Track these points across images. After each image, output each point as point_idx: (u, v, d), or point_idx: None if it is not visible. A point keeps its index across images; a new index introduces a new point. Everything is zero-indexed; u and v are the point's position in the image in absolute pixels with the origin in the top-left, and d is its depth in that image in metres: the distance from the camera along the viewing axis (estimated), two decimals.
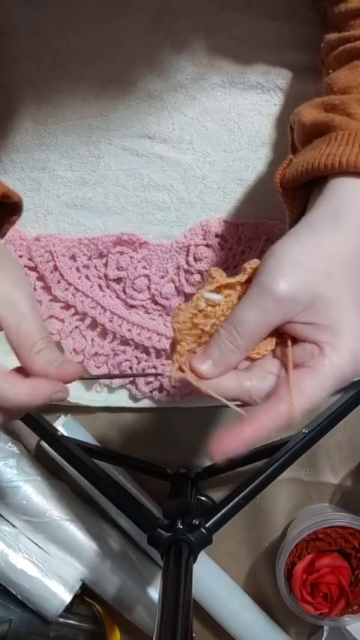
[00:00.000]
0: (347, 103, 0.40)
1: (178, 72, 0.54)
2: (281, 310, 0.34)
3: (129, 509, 0.53)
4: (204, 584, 0.62)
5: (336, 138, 0.39)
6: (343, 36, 0.45)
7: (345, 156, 0.37)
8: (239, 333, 0.35)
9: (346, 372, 0.35)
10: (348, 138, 0.38)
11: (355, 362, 0.35)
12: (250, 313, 0.35)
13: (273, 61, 0.54)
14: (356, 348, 0.35)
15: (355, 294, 0.36)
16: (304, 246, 0.36)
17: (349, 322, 0.35)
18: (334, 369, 0.34)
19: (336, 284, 0.35)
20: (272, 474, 0.54)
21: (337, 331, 0.35)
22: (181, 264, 0.57)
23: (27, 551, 0.61)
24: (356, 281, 0.36)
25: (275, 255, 0.36)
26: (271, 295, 0.34)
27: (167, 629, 0.37)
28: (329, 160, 0.38)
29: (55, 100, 0.55)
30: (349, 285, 0.35)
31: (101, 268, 0.58)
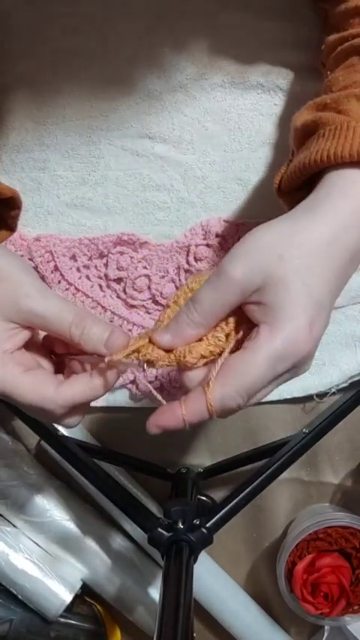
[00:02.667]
0: (338, 100, 0.41)
1: (179, 72, 0.54)
2: (233, 290, 0.36)
3: (129, 509, 0.53)
4: (205, 584, 0.62)
5: (324, 134, 0.39)
6: (342, 35, 0.45)
7: (332, 149, 0.38)
8: (196, 309, 0.37)
9: (279, 352, 0.35)
10: (335, 132, 0.39)
11: (293, 343, 0.35)
12: (207, 292, 0.36)
13: (273, 61, 0.54)
14: (293, 329, 0.35)
15: (309, 278, 0.35)
16: (267, 230, 0.37)
17: (292, 304, 0.35)
18: (266, 347, 0.35)
19: (288, 266, 0.35)
20: (273, 474, 0.54)
21: (277, 311, 0.35)
22: (181, 264, 0.57)
23: (27, 551, 0.61)
24: (313, 267, 0.36)
25: (240, 241, 0.37)
26: (224, 276, 0.36)
27: (168, 629, 0.37)
28: (318, 156, 0.38)
29: (55, 100, 0.55)
30: (301, 268, 0.35)
31: (101, 268, 0.58)
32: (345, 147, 0.37)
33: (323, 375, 0.59)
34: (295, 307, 0.35)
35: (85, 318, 0.37)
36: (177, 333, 0.37)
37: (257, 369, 0.35)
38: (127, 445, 0.62)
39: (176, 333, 0.37)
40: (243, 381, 0.35)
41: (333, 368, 0.59)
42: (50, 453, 0.59)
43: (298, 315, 0.35)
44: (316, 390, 0.59)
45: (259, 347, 0.35)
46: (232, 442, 0.62)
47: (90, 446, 0.60)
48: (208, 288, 0.37)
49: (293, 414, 0.61)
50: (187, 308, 0.37)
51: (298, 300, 0.35)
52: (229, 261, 0.36)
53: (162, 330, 0.38)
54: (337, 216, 0.37)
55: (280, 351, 0.35)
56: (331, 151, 0.38)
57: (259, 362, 0.35)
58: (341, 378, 0.59)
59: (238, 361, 0.35)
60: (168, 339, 0.37)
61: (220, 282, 0.36)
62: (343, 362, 0.59)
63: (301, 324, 0.35)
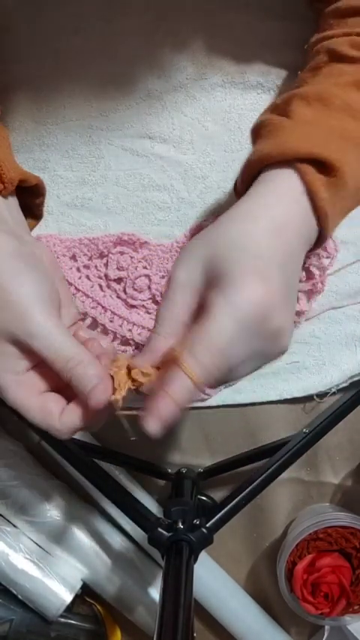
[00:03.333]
0: (286, 100, 0.42)
1: (179, 72, 0.54)
2: (182, 291, 0.38)
3: (130, 509, 0.53)
4: (205, 584, 0.62)
5: (263, 135, 0.41)
6: (320, 36, 0.45)
7: (266, 149, 0.39)
8: (159, 323, 0.38)
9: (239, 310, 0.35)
10: (270, 132, 0.40)
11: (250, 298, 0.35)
12: (162, 304, 0.39)
13: (273, 61, 0.54)
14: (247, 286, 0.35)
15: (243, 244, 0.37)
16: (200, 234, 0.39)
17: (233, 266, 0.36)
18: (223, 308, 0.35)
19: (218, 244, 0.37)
20: (273, 474, 0.54)
21: (222, 279, 0.36)
22: None
23: (27, 551, 0.61)
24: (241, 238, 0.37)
25: None
26: (170, 284, 0.38)
27: (168, 629, 0.37)
28: (254, 156, 0.40)
29: (55, 100, 0.55)
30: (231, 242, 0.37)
31: (102, 268, 0.58)
32: (273, 146, 0.39)
33: (323, 374, 0.59)
34: (238, 265, 0.36)
35: (77, 365, 0.37)
36: (150, 350, 0.38)
37: (222, 329, 0.35)
38: (127, 445, 0.62)
39: (149, 350, 0.38)
40: (209, 339, 0.35)
41: (333, 368, 0.59)
42: (50, 452, 0.59)
43: (243, 270, 0.36)
44: (316, 389, 0.59)
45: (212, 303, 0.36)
46: (232, 442, 0.62)
47: (90, 446, 0.60)
48: (163, 300, 0.38)
49: (293, 413, 0.61)
50: (154, 328, 0.38)
51: (237, 261, 0.36)
52: (173, 267, 0.39)
53: (137, 357, 0.38)
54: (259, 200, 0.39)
55: (232, 299, 0.35)
56: (264, 151, 0.39)
57: (221, 322, 0.35)
58: (341, 378, 0.59)
59: (199, 326, 0.36)
60: (144, 359, 0.38)
61: (169, 289, 0.38)
62: (344, 362, 0.59)
63: (248, 274, 0.35)
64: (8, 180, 0.41)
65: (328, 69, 0.43)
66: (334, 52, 0.43)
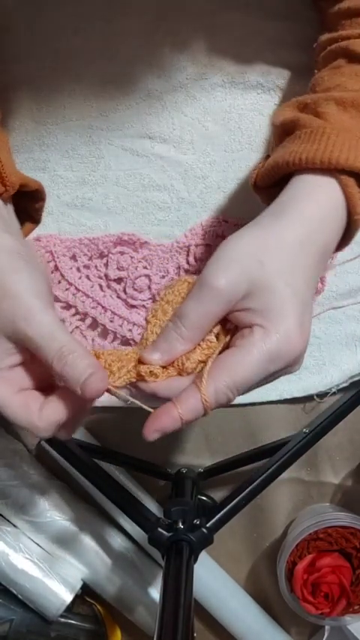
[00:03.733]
0: (317, 101, 0.42)
1: (179, 72, 0.54)
2: (219, 301, 0.36)
3: (130, 509, 0.53)
4: (205, 584, 0.62)
5: (300, 136, 0.41)
6: (333, 36, 0.45)
7: (305, 153, 0.39)
8: (183, 325, 0.37)
9: (272, 351, 0.36)
10: (310, 135, 0.40)
11: (286, 343, 0.36)
12: (192, 306, 0.37)
13: (273, 61, 0.54)
14: (286, 330, 0.36)
15: (290, 279, 0.37)
16: (242, 239, 0.38)
17: (282, 306, 0.36)
18: (260, 346, 0.35)
19: (269, 270, 0.36)
20: (273, 474, 0.54)
21: (268, 314, 0.36)
22: (181, 264, 0.57)
23: (28, 551, 0.61)
24: (292, 267, 0.37)
25: (219, 248, 0.38)
26: (208, 288, 0.36)
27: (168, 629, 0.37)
28: (291, 157, 0.39)
29: (55, 100, 0.55)
30: (283, 270, 0.37)
31: (102, 268, 0.58)
32: (317, 153, 0.39)
33: (323, 374, 0.59)
34: (285, 308, 0.36)
35: (69, 353, 0.36)
36: (167, 351, 0.37)
37: (250, 367, 0.35)
38: (128, 445, 0.62)
39: (166, 350, 0.37)
40: (235, 377, 0.35)
41: (333, 368, 0.59)
42: (50, 452, 0.59)
43: (289, 315, 0.36)
44: (317, 389, 0.59)
45: (252, 346, 0.36)
46: (233, 442, 0.62)
47: (90, 446, 0.60)
48: (193, 301, 0.37)
49: (293, 413, 0.61)
50: (175, 324, 0.37)
51: (286, 301, 0.36)
52: (211, 272, 0.37)
53: (151, 349, 0.38)
54: (304, 220, 0.38)
55: (274, 351, 0.36)
56: (303, 155, 0.39)
57: (252, 361, 0.35)
58: (341, 378, 0.59)
59: (232, 359, 0.36)
60: (159, 357, 0.38)
61: (204, 295, 0.37)
62: (344, 362, 0.59)
63: (293, 324, 0.36)
64: (10, 183, 0.42)
65: (349, 69, 0.43)
66: (354, 53, 0.43)
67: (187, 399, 0.36)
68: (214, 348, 0.38)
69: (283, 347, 0.36)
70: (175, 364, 0.38)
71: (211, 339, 0.38)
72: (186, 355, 0.37)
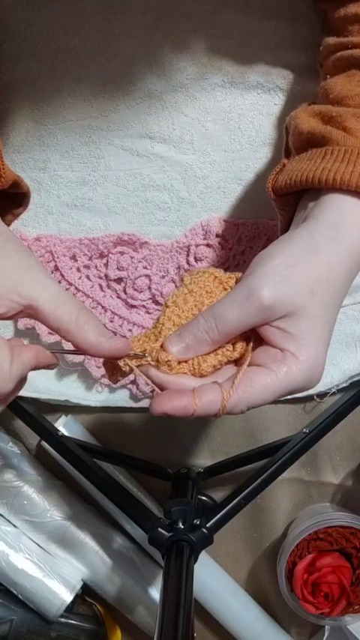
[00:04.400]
0: (344, 116, 0.41)
1: (179, 72, 0.54)
2: (262, 315, 0.36)
3: (130, 509, 0.53)
4: (205, 584, 0.62)
5: (332, 152, 0.40)
6: (341, 41, 0.45)
7: (340, 173, 0.38)
8: (218, 328, 0.37)
9: (298, 382, 0.36)
10: (344, 155, 0.39)
11: (310, 375, 0.37)
12: (233, 312, 0.36)
13: (273, 61, 0.54)
14: (314, 363, 0.37)
15: (330, 313, 0.37)
16: (298, 257, 0.37)
17: (316, 338, 0.37)
18: (289, 376, 0.36)
19: (317, 301, 0.37)
20: (273, 474, 0.54)
21: (303, 343, 0.36)
22: (181, 264, 0.57)
23: (28, 551, 0.61)
24: (334, 302, 0.38)
25: (269, 261, 0.37)
26: (256, 300, 0.36)
27: (168, 629, 0.37)
28: (324, 175, 0.39)
29: (55, 101, 0.55)
30: (327, 304, 0.37)
31: (102, 268, 0.58)
32: (354, 174, 0.38)
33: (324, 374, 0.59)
34: (320, 343, 0.37)
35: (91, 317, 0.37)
36: (192, 348, 0.37)
37: (275, 393, 0.36)
38: (128, 445, 0.62)
39: (192, 348, 0.37)
40: (259, 398, 0.36)
41: (333, 368, 0.59)
42: (50, 452, 0.59)
43: (321, 351, 0.37)
44: (317, 389, 0.59)
45: (283, 375, 0.36)
46: (233, 442, 0.62)
47: (90, 446, 0.60)
48: (234, 307, 0.37)
49: (294, 414, 0.61)
50: (208, 324, 0.37)
51: (322, 336, 0.37)
52: (261, 284, 0.36)
53: (176, 341, 0.38)
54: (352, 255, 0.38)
55: (300, 383, 0.37)
56: (338, 175, 0.38)
57: (279, 388, 0.36)
58: (341, 378, 0.59)
59: (261, 380, 0.36)
60: (182, 351, 0.37)
61: (247, 304, 0.36)
62: (344, 362, 0.59)
63: (322, 360, 0.37)
64: (5, 177, 0.42)
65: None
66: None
67: (207, 396, 0.36)
68: (228, 356, 0.38)
69: (307, 381, 0.37)
70: (190, 362, 0.38)
71: (229, 347, 0.38)
72: (203, 357, 0.38)
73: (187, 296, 0.40)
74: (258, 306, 0.36)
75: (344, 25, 0.45)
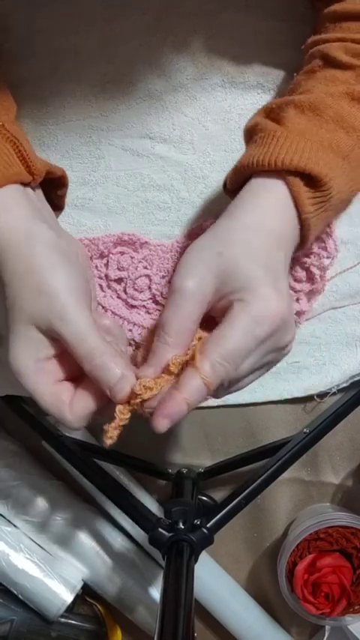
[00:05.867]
0: (281, 106, 0.43)
1: (179, 72, 0.54)
2: (192, 302, 0.38)
3: (130, 509, 0.53)
4: (205, 585, 0.62)
5: (256, 140, 0.43)
6: (314, 39, 0.46)
7: (256, 156, 0.41)
8: (167, 333, 0.38)
9: (254, 313, 0.37)
10: (263, 139, 0.42)
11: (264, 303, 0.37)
12: (169, 312, 0.38)
13: (273, 61, 0.54)
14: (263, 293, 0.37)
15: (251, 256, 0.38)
16: (200, 240, 0.40)
17: (251, 278, 0.38)
18: (242, 314, 0.37)
19: (228, 256, 0.38)
20: (273, 474, 0.54)
21: (240, 289, 0.38)
22: None
23: (28, 551, 0.61)
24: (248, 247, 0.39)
25: (181, 259, 0.40)
26: (179, 293, 0.38)
27: (169, 629, 0.37)
28: (246, 161, 0.42)
29: (55, 101, 0.55)
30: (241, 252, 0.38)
31: (102, 268, 0.58)
32: (265, 155, 0.40)
33: (324, 374, 0.59)
34: (254, 279, 0.38)
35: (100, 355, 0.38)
36: (158, 362, 0.38)
37: (237, 333, 0.36)
38: (128, 445, 0.62)
39: (157, 362, 0.38)
40: (226, 347, 0.36)
41: (334, 368, 0.59)
42: (51, 452, 0.59)
43: (260, 283, 0.37)
44: (317, 389, 0.59)
45: (234, 316, 0.37)
46: (233, 442, 0.62)
47: (90, 446, 0.60)
48: (170, 308, 0.38)
49: (294, 414, 0.61)
50: (158, 335, 0.38)
51: (253, 274, 0.38)
52: (179, 277, 0.38)
53: (144, 367, 0.38)
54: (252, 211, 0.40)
55: (255, 314, 0.37)
56: (254, 158, 0.41)
57: (237, 327, 0.37)
58: (342, 378, 0.59)
59: (218, 332, 0.37)
60: (152, 371, 0.38)
61: (177, 299, 0.38)
62: (344, 362, 0.59)
63: (267, 288, 0.37)
64: (37, 171, 0.43)
65: (322, 74, 0.44)
66: (328, 57, 0.44)
67: (187, 382, 0.36)
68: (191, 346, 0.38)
69: (262, 308, 0.37)
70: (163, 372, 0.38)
71: (193, 342, 0.39)
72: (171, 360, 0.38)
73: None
74: (183, 296, 0.38)
75: (322, 23, 0.46)
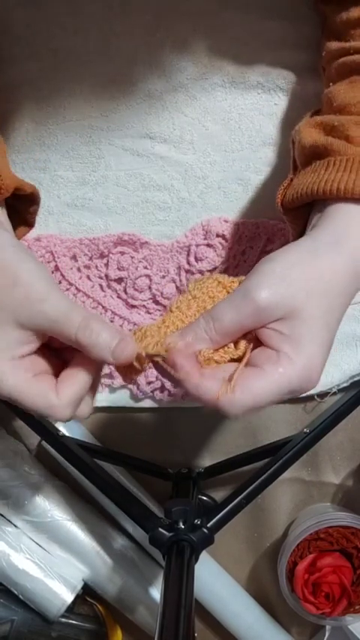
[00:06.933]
0: (346, 125, 0.41)
1: (179, 72, 0.54)
2: (257, 317, 0.36)
3: (130, 509, 0.53)
4: (206, 584, 0.62)
5: (334, 163, 0.40)
6: (344, 46, 0.45)
7: (343, 182, 0.39)
8: (215, 328, 0.37)
9: (293, 385, 0.36)
10: (346, 164, 0.40)
11: (306, 377, 0.36)
12: (229, 313, 0.37)
13: (273, 61, 0.54)
14: (310, 365, 0.36)
15: (329, 316, 0.37)
16: (297, 262, 0.38)
17: (312, 340, 0.36)
18: (284, 378, 0.36)
19: (314, 303, 0.37)
20: (274, 474, 0.54)
21: (299, 346, 0.36)
22: (182, 264, 0.57)
23: (29, 551, 0.61)
24: (334, 305, 0.38)
25: (268, 264, 0.38)
26: (251, 302, 0.36)
27: (169, 629, 0.37)
28: (327, 186, 0.39)
29: (55, 101, 0.55)
30: (325, 307, 0.37)
31: (102, 268, 0.58)
32: (356, 183, 0.38)
33: (324, 374, 0.58)
34: (316, 345, 0.36)
35: (92, 322, 0.37)
36: (190, 345, 0.37)
37: (268, 396, 0.36)
38: (128, 445, 0.62)
39: (189, 344, 0.37)
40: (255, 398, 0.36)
41: (334, 367, 0.59)
42: (51, 453, 0.59)
43: (318, 353, 0.36)
44: (317, 389, 0.59)
45: (277, 375, 0.36)
46: (233, 442, 0.62)
47: (91, 446, 0.60)
48: (230, 308, 0.37)
49: (294, 413, 0.61)
50: (207, 323, 0.37)
51: (319, 339, 0.37)
52: (257, 286, 0.37)
53: (177, 335, 0.38)
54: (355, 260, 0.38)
55: (295, 385, 0.36)
56: (342, 185, 0.39)
57: (274, 389, 0.36)
58: (342, 378, 0.59)
59: (255, 381, 0.36)
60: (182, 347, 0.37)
61: (243, 306, 0.36)
62: (344, 361, 0.59)
63: (319, 362, 0.37)
64: (4, 186, 0.42)
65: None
66: None
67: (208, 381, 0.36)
68: (230, 354, 0.38)
69: (303, 382, 0.36)
70: None
71: (230, 345, 0.38)
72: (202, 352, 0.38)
73: (191, 302, 0.40)
74: (253, 307, 0.36)
75: (347, 30, 0.45)
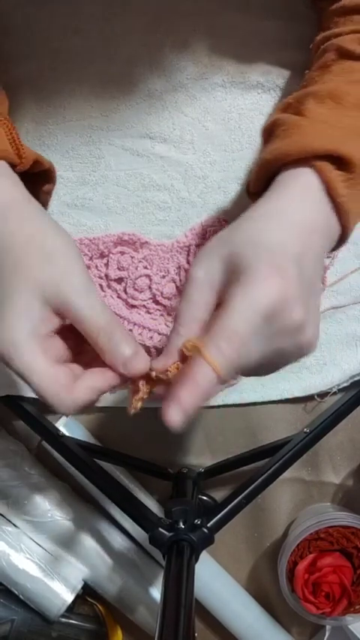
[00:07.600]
0: (299, 99, 0.42)
1: (179, 72, 0.54)
2: (202, 288, 0.37)
3: (131, 509, 0.53)
4: (206, 584, 0.62)
5: (278, 134, 0.41)
6: (325, 35, 0.45)
7: (280, 149, 0.39)
8: (178, 322, 0.37)
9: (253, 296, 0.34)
10: (286, 132, 0.40)
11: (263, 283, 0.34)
12: (181, 302, 0.38)
13: (273, 60, 0.54)
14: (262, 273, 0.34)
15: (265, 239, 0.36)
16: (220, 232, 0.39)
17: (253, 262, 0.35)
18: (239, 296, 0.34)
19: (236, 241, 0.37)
20: (274, 474, 0.54)
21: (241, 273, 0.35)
22: (182, 264, 0.57)
23: (29, 551, 0.61)
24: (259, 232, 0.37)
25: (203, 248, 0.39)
26: (188, 282, 0.38)
27: (169, 628, 0.37)
28: (269, 156, 0.40)
29: (55, 101, 0.55)
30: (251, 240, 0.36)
31: (102, 268, 0.58)
32: (290, 145, 0.39)
33: (324, 374, 0.59)
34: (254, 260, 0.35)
35: (115, 330, 0.37)
36: (170, 351, 0.37)
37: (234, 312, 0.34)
38: (128, 445, 0.62)
39: (169, 351, 0.37)
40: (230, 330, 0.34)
41: (334, 367, 0.59)
42: (51, 452, 0.59)
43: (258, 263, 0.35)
44: (317, 389, 0.59)
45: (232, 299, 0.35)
46: (233, 442, 0.62)
47: (91, 446, 0.60)
48: (182, 298, 0.38)
49: (294, 413, 0.61)
50: (174, 329, 0.37)
51: (253, 256, 0.35)
52: (191, 267, 0.38)
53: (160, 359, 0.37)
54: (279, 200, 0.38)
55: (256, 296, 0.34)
56: (281, 150, 0.39)
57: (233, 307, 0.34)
58: (342, 378, 0.59)
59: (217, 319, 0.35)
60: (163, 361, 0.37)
61: (187, 289, 0.37)
62: (345, 361, 0.59)
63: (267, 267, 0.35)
64: (25, 156, 0.42)
65: (337, 66, 0.43)
66: (343, 49, 0.43)
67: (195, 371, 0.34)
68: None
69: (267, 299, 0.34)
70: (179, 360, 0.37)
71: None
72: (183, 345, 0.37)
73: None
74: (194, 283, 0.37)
75: (331, 19, 0.46)
